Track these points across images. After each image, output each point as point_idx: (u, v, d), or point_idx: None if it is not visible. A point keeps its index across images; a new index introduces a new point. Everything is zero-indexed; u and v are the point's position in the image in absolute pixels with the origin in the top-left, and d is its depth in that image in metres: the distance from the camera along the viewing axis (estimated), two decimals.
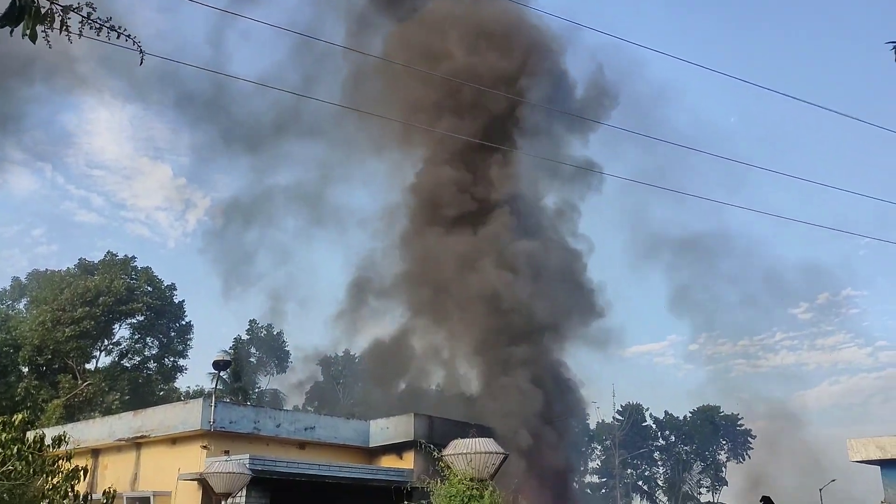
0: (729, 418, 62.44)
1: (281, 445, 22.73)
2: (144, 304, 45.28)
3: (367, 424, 25.42)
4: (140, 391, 43.61)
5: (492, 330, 28.47)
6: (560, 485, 26.96)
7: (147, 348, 47.70)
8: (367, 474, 22.45)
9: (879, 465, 21.15)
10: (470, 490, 8.37)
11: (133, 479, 23.71)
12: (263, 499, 19.80)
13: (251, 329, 59.31)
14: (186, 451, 21.89)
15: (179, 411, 22.68)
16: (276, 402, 54.15)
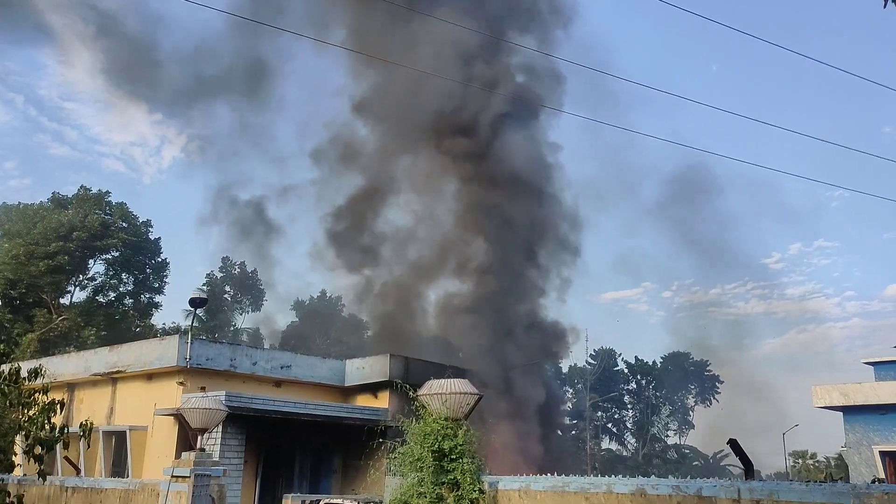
0: (698, 364, 63.82)
1: (257, 383, 22.92)
2: (119, 240, 44.84)
3: (343, 364, 25.66)
4: (116, 327, 43.53)
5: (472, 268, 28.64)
6: (545, 416, 27.53)
7: (123, 284, 47.44)
8: (343, 412, 22.74)
9: (842, 411, 21.81)
10: (444, 429, 8.52)
11: (109, 413, 23.86)
12: (239, 435, 20.04)
13: (224, 267, 59.08)
14: (162, 386, 22.01)
15: (155, 347, 22.72)
16: (257, 341, 54.34)
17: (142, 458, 21.72)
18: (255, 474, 21.94)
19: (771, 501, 6.34)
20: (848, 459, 22.65)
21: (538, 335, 29.65)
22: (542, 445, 26.29)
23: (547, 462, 23.73)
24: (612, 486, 7.48)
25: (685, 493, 6.92)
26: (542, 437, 26.84)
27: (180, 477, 10.99)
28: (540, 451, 25.34)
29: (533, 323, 29.78)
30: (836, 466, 51.31)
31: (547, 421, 28.10)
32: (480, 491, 8.30)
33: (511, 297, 28.87)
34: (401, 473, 8.81)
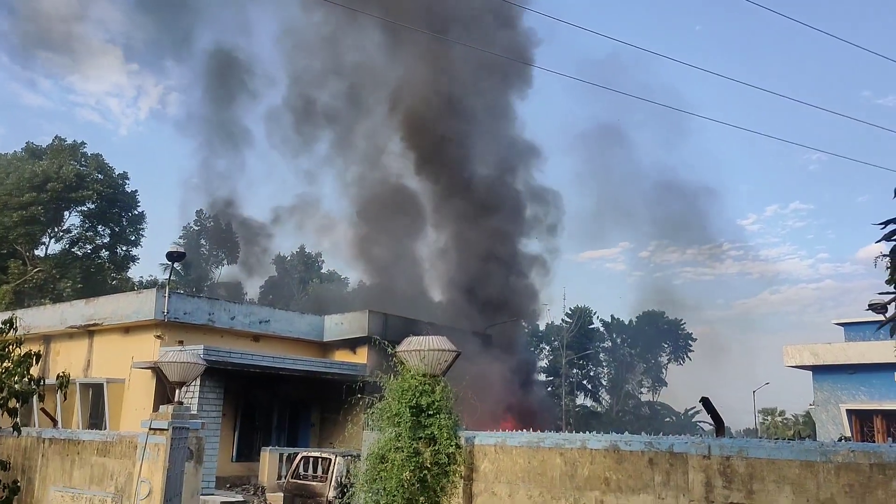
0: (672, 323, 64.79)
1: (235, 338, 22.95)
2: (95, 192, 44.19)
3: (322, 319, 25.73)
4: (92, 280, 43.17)
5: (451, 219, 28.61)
6: (523, 378, 27.84)
7: (98, 237, 46.90)
8: (321, 367, 22.88)
9: (812, 370, 22.27)
10: (422, 385, 8.59)
11: (86, 366, 23.81)
12: (217, 388, 20.12)
13: (199, 220, 58.53)
14: (140, 340, 21.98)
15: (133, 301, 22.62)
16: (238, 294, 54.12)
17: (119, 410, 21.77)
18: (233, 427, 22.12)
19: (740, 457, 6.50)
20: (815, 417, 23.22)
21: (513, 294, 29.83)
22: (518, 402, 26.65)
23: (524, 418, 24.09)
24: (586, 442, 7.62)
25: (657, 449, 7.06)
26: (518, 393, 27.19)
27: (158, 429, 11.03)
28: (516, 407, 25.69)
29: (509, 278, 29.90)
30: (804, 424, 52.62)
31: (523, 379, 28.42)
32: (457, 446, 8.41)
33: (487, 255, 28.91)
34: (378, 428, 8.90)
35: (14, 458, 13.84)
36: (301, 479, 17.14)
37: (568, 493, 7.60)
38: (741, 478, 6.44)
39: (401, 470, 8.32)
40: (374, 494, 8.60)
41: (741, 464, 6.46)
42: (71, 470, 12.75)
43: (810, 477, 6.11)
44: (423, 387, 8.59)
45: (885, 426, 20.90)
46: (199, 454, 11.60)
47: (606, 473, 7.36)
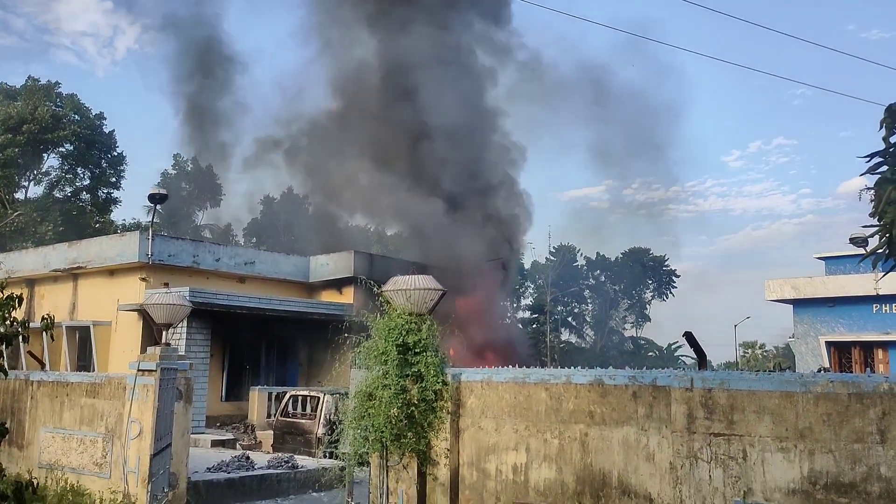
0: (656, 259, 65.35)
1: (221, 279, 22.94)
2: (72, 133, 43.37)
3: (308, 260, 25.72)
4: (74, 223, 42.72)
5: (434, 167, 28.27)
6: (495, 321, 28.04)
7: (78, 179, 46.24)
8: (308, 308, 22.98)
9: (792, 304, 22.63)
10: (408, 324, 8.64)
11: (71, 309, 23.78)
12: (204, 330, 20.21)
13: (177, 163, 57.67)
14: (125, 282, 21.93)
15: (116, 243, 22.48)
16: (225, 236, 53.79)
17: (107, 352, 21.85)
18: (221, 367, 22.30)
19: (722, 389, 6.62)
20: (795, 349, 23.70)
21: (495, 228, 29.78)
22: (503, 339, 26.95)
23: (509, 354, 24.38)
24: (570, 377, 7.73)
25: (641, 382, 7.18)
26: (502, 330, 27.49)
27: (147, 371, 11.08)
28: (501, 344, 25.98)
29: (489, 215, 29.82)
30: (784, 356, 53.75)
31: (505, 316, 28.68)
32: (444, 382, 8.51)
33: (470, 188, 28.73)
34: (365, 366, 8.98)
35: (3, 401, 13.91)
36: (290, 418, 17.39)
37: (553, 426, 7.74)
38: (722, 409, 6.57)
39: (388, 407, 8.43)
40: (363, 431, 8.74)
41: (722, 395, 6.59)
42: (61, 411, 12.83)
43: (790, 407, 6.25)
44: (409, 325, 8.64)
45: (862, 357, 21.38)
46: (188, 394, 11.69)
47: (591, 407, 7.49)
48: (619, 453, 7.24)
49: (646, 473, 7.04)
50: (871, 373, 19.64)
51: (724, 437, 6.54)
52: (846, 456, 5.94)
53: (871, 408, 5.88)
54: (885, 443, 5.78)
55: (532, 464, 7.86)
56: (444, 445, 8.46)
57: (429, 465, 8.55)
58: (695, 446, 6.69)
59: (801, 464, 6.13)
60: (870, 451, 5.84)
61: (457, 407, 8.54)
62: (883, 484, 5.74)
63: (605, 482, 7.30)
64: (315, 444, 16.25)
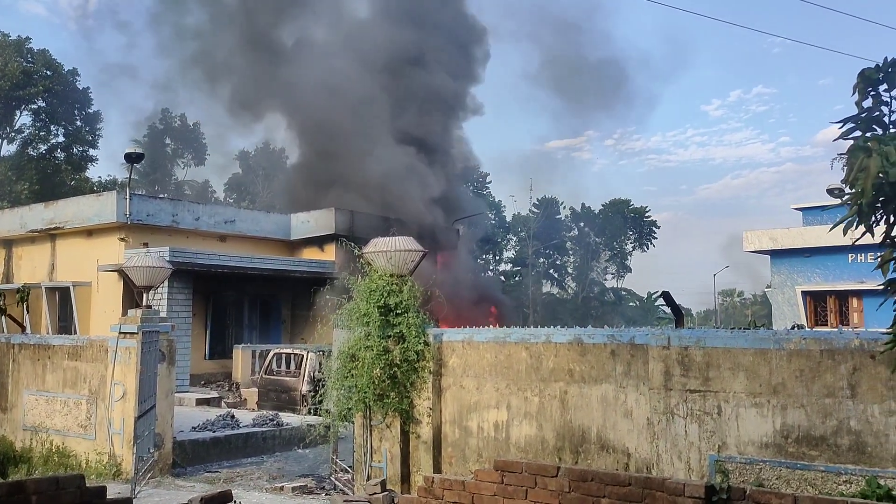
0: (637, 211, 65.62)
1: (201, 238, 22.79)
2: (44, 88, 42.39)
3: (289, 218, 25.58)
4: (49, 181, 42.06)
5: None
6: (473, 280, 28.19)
7: (53, 136, 45.36)
8: (289, 265, 22.94)
9: (770, 254, 22.90)
10: (390, 286, 8.67)
11: (50, 269, 23.59)
12: (186, 289, 20.15)
13: (164, 119, 56.83)
14: (103, 242, 21.73)
15: (93, 203, 22.21)
16: (204, 195, 53.26)
17: (88, 313, 21.76)
18: (204, 326, 22.33)
19: (698, 347, 6.74)
20: (772, 299, 24.05)
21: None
22: (483, 296, 27.14)
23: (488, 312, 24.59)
24: (550, 337, 7.82)
25: (619, 341, 7.28)
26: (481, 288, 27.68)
27: (128, 333, 11.08)
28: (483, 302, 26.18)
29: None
30: (761, 304, 54.53)
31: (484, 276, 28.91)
32: (425, 343, 8.59)
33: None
34: (348, 327, 9.04)
35: None
36: (274, 375, 17.51)
37: (533, 384, 7.87)
38: (698, 366, 6.70)
39: (371, 367, 8.52)
40: (346, 391, 8.84)
41: (698, 353, 6.71)
42: (43, 374, 12.84)
43: (763, 364, 6.38)
44: (390, 287, 8.68)
45: (837, 306, 21.76)
46: (170, 355, 11.73)
47: (570, 365, 7.61)
48: (598, 410, 7.38)
49: (623, 429, 7.19)
50: (843, 326, 20.03)
51: (699, 393, 6.68)
52: (817, 410, 6.10)
53: (843, 363, 6.02)
54: (855, 397, 5.93)
55: (513, 421, 8.00)
56: (427, 405, 8.58)
57: (412, 424, 8.68)
58: (671, 402, 6.84)
59: (774, 418, 6.29)
60: (840, 406, 6.00)
61: (439, 367, 8.63)
62: (853, 437, 5.91)
63: (585, 438, 7.46)
64: (300, 402, 16.40)
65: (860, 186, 3.00)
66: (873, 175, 2.90)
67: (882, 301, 3.23)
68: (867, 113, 3.31)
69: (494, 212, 60.44)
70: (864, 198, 2.95)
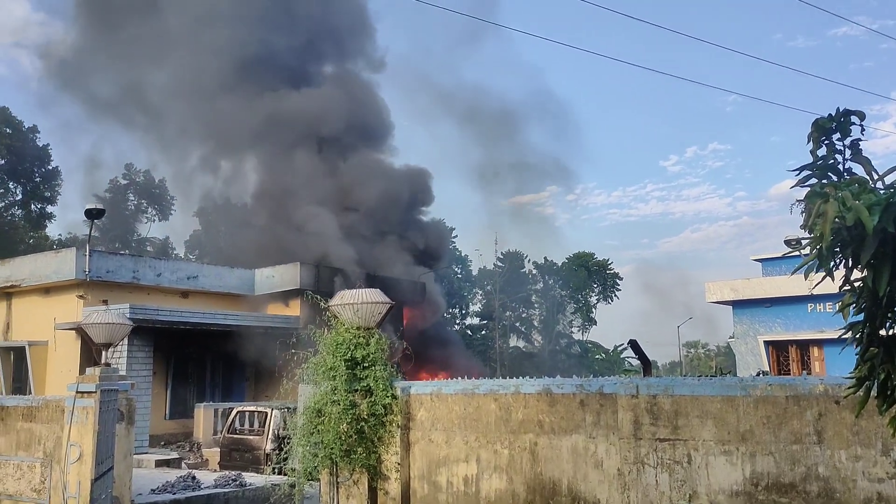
0: (600, 264, 66.35)
1: (163, 295, 22.43)
2: (3, 146, 41.95)
3: (252, 273, 25.33)
4: (6, 239, 41.29)
5: None
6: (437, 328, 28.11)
7: (10, 194, 44.72)
8: (253, 321, 22.62)
9: (732, 305, 23.24)
10: (356, 338, 8.59)
11: (5, 328, 22.97)
12: (146, 347, 19.72)
13: (128, 174, 56.27)
14: (62, 300, 21.27)
15: (51, 260, 21.79)
16: (165, 252, 52.53)
17: (44, 373, 21.15)
18: (165, 385, 21.80)
19: (666, 395, 6.75)
20: (735, 349, 24.33)
21: (420, 236, 29.96)
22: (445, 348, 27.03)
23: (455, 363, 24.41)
24: (519, 387, 7.78)
25: (588, 390, 7.27)
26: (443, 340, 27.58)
27: (86, 392, 10.76)
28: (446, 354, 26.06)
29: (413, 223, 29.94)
30: (725, 355, 55.03)
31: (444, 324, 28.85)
32: (393, 396, 8.48)
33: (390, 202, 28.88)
34: (314, 382, 8.89)
35: None
36: (237, 434, 17.09)
37: (503, 436, 7.78)
38: (667, 415, 6.70)
39: (338, 423, 8.36)
40: (312, 447, 8.64)
41: (667, 401, 6.72)
42: None
43: (731, 411, 6.41)
44: (357, 340, 8.59)
45: (799, 355, 22.06)
46: (130, 415, 11.40)
47: (540, 416, 7.56)
48: (569, 461, 7.31)
49: (595, 480, 7.13)
50: (806, 373, 20.29)
51: (669, 441, 6.67)
52: (786, 457, 6.12)
53: (808, 409, 6.07)
54: (822, 443, 5.97)
55: (483, 475, 7.89)
56: (395, 460, 8.42)
57: (380, 480, 8.51)
58: (641, 452, 6.81)
59: (744, 466, 6.29)
60: (808, 452, 6.03)
61: (407, 420, 8.51)
62: (821, 483, 5.93)
63: (556, 490, 7.37)
64: (264, 461, 15.97)
65: (819, 231, 3.08)
66: (831, 219, 2.97)
67: (843, 346, 3.29)
68: (822, 161, 3.40)
69: (460, 266, 60.60)
70: (824, 242, 3.03)
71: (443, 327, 30.21)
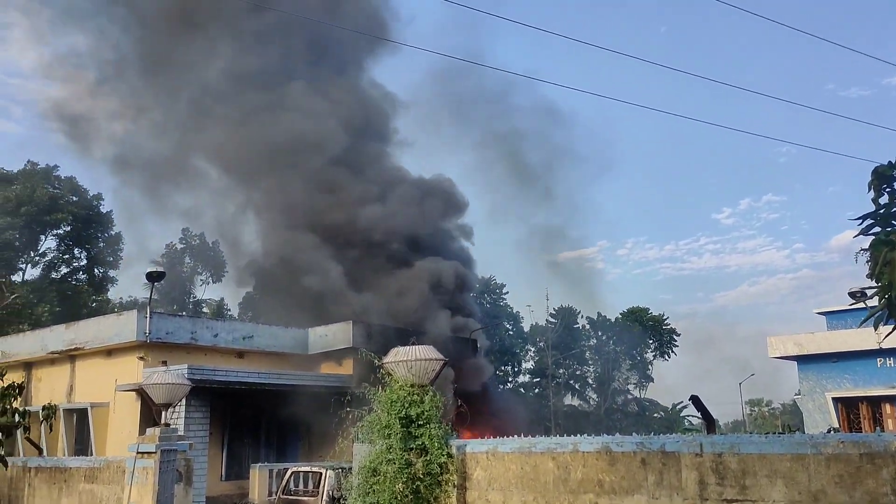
0: (655, 319, 65.09)
1: (220, 355, 22.74)
2: (70, 214, 43.69)
3: (306, 332, 25.54)
4: (70, 303, 42.63)
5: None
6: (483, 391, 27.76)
7: (75, 259, 46.37)
8: (307, 381, 22.72)
9: (797, 360, 22.45)
10: (411, 396, 8.56)
11: (69, 391, 23.51)
12: (203, 407, 19.93)
13: (185, 238, 57.98)
14: (123, 362, 21.72)
15: (114, 323, 22.36)
16: (221, 312, 53.57)
17: (105, 435, 21.49)
18: (221, 446, 21.92)
19: (732, 454, 6.52)
20: (802, 406, 23.39)
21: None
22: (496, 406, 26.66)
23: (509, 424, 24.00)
24: (577, 445, 7.61)
25: (649, 449, 7.07)
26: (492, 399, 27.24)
27: (146, 453, 10.90)
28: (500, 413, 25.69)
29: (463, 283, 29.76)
30: (791, 413, 53.00)
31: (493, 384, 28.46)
32: (448, 455, 8.38)
33: None
34: (368, 440, 8.86)
35: (0, 489, 13.63)
36: (292, 495, 17.00)
37: (562, 496, 7.59)
38: (734, 474, 6.46)
39: (393, 482, 8.28)
40: None
41: (733, 460, 6.49)
42: (59, 498, 12.58)
43: (801, 470, 6.15)
44: (411, 397, 8.56)
45: (870, 412, 21.10)
46: (188, 475, 11.49)
47: (599, 476, 7.36)
48: None
49: None
50: (880, 431, 19.37)
51: (737, 502, 6.41)
52: None
53: (884, 467, 5.79)
54: None
55: None
56: None
57: None
58: None
59: None
60: None
61: (463, 480, 8.38)
62: None
63: None
64: None
65: (886, 279, 2.99)
66: None
67: None
68: (885, 208, 3.33)
69: (512, 322, 60.18)
70: (893, 290, 2.93)
71: (494, 385, 29.79)
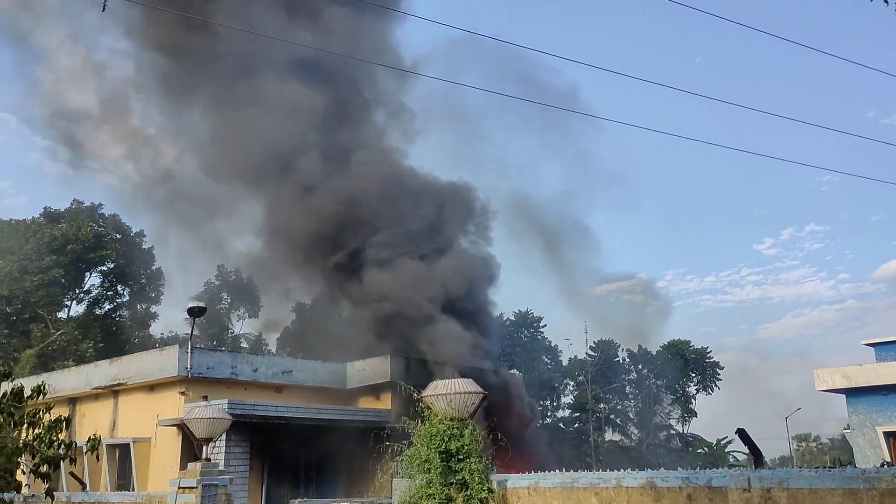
0: (697, 352, 63.89)
1: (259, 389, 22.89)
2: (113, 251, 44.69)
3: (344, 366, 25.59)
4: (113, 338, 43.40)
5: None
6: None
7: (119, 296, 47.28)
8: (345, 415, 22.73)
9: (845, 393, 21.82)
10: (450, 430, 8.50)
11: (112, 426, 23.81)
12: (243, 442, 20.03)
13: (220, 274, 58.73)
14: (164, 397, 21.97)
15: (156, 358, 22.67)
16: (258, 348, 54.03)
17: (146, 470, 21.67)
18: (260, 481, 21.93)
19: (781, 489, 6.34)
20: (851, 441, 22.68)
21: None
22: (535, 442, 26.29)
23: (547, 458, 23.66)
24: (621, 480, 7.47)
25: (695, 484, 6.91)
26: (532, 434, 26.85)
27: (187, 488, 10.96)
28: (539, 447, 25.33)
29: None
30: (840, 448, 51.43)
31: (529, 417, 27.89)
32: (489, 490, 8.28)
33: None
34: (408, 475, 8.80)
35: None
36: None
37: None
38: None
39: None
40: None
41: (782, 495, 6.31)
42: None
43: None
44: (451, 431, 8.50)
45: None
46: None
47: None
48: None
49: None
50: None
51: None
52: None
53: None
54: None
55: None
56: None
57: None
58: None
59: None
60: None
61: None
62: None
63: None
64: None
65: None
66: None
67: None
68: None
69: (550, 356, 59.61)
70: None
71: (532, 421, 29.28)
